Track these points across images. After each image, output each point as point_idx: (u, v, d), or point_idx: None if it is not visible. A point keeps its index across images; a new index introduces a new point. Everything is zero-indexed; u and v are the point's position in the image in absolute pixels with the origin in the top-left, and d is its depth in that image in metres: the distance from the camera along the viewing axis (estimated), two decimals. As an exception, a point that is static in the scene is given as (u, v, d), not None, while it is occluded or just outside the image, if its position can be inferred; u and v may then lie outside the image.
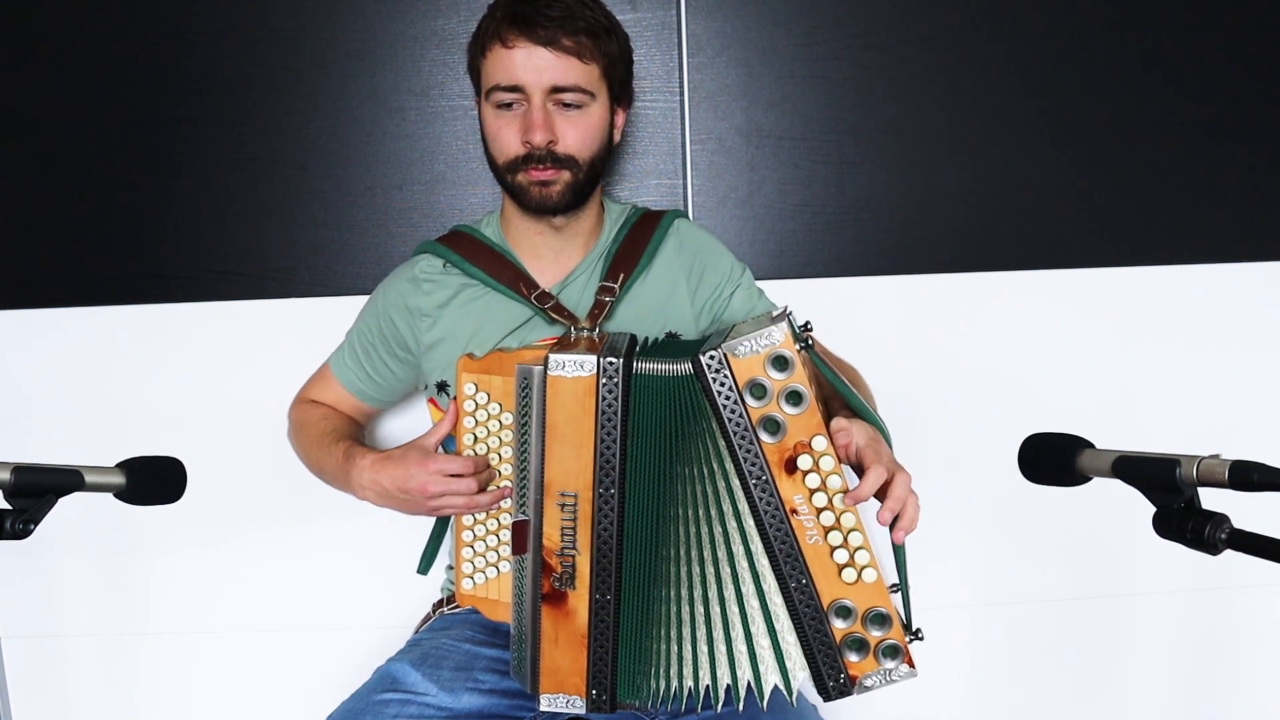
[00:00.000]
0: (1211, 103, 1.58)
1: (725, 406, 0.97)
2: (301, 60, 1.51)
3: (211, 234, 1.53)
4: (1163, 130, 1.58)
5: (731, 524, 1.00)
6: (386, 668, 1.18)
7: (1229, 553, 0.80)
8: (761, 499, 0.98)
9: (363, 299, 1.37)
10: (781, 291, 1.55)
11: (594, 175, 1.24)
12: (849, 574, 0.99)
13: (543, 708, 1.07)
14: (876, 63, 1.54)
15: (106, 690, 1.61)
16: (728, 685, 1.03)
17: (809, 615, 1.00)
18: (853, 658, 1.00)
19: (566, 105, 1.17)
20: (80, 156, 1.52)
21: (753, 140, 1.55)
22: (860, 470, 1.01)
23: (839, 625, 0.99)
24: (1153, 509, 0.86)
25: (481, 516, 1.18)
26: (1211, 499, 0.84)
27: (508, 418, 1.14)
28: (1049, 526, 1.61)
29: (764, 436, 0.97)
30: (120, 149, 1.52)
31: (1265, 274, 1.61)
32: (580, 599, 1.04)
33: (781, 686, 1.02)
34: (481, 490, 1.14)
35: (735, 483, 0.99)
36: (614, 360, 1.00)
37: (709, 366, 0.97)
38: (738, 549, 1.00)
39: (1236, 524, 0.80)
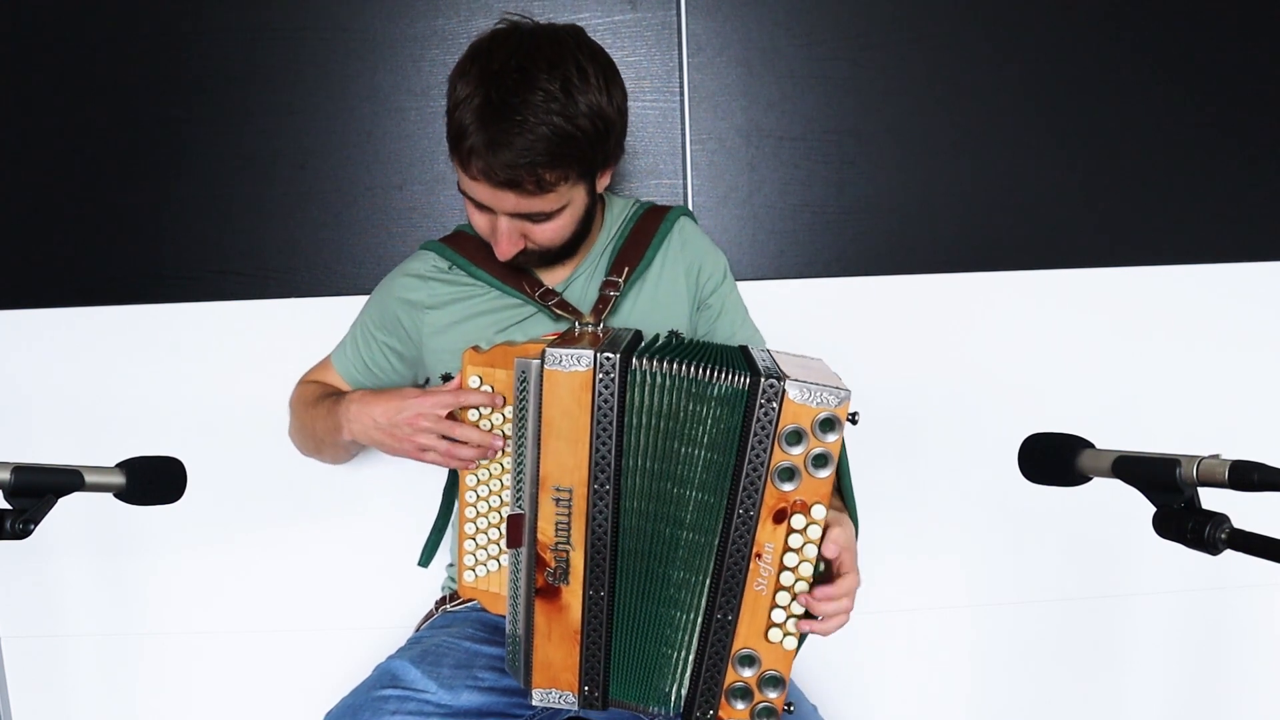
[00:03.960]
0: (1211, 103, 1.58)
1: (755, 435, 0.97)
2: (301, 60, 1.51)
3: (211, 234, 1.53)
4: (1163, 130, 1.58)
5: (695, 536, 1.01)
6: (386, 664, 1.18)
7: (1229, 553, 0.80)
8: (738, 530, 0.99)
9: (363, 299, 1.37)
10: (781, 291, 1.56)
11: (577, 239, 1.21)
12: (774, 634, 1.00)
13: (534, 702, 1.07)
14: (876, 63, 1.54)
15: (106, 690, 1.61)
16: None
17: (715, 648, 1.01)
18: (738, 705, 1.02)
19: (534, 221, 1.14)
20: (80, 156, 1.52)
21: (753, 140, 1.55)
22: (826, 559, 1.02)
23: (740, 671, 1.02)
24: (1153, 509, 0.86)
25: (484, 509, 1.18)
26: (1211, 499, 0.84)
27: (511, 411, 1.13)
28: (1049, 526, 1.61)
29: (777, 481, 0.97)
30: (120, 149, 1.52)
31: (1265, 274, 1.61)
32: (574, 594, 1.04)
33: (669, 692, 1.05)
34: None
35: (723, 501, 0.99)
36: (611, 356, 0.99)
37: (763, 392, 0.96)
38: (692, 562, 1.02)
39: (1236, 524, 0.80)
